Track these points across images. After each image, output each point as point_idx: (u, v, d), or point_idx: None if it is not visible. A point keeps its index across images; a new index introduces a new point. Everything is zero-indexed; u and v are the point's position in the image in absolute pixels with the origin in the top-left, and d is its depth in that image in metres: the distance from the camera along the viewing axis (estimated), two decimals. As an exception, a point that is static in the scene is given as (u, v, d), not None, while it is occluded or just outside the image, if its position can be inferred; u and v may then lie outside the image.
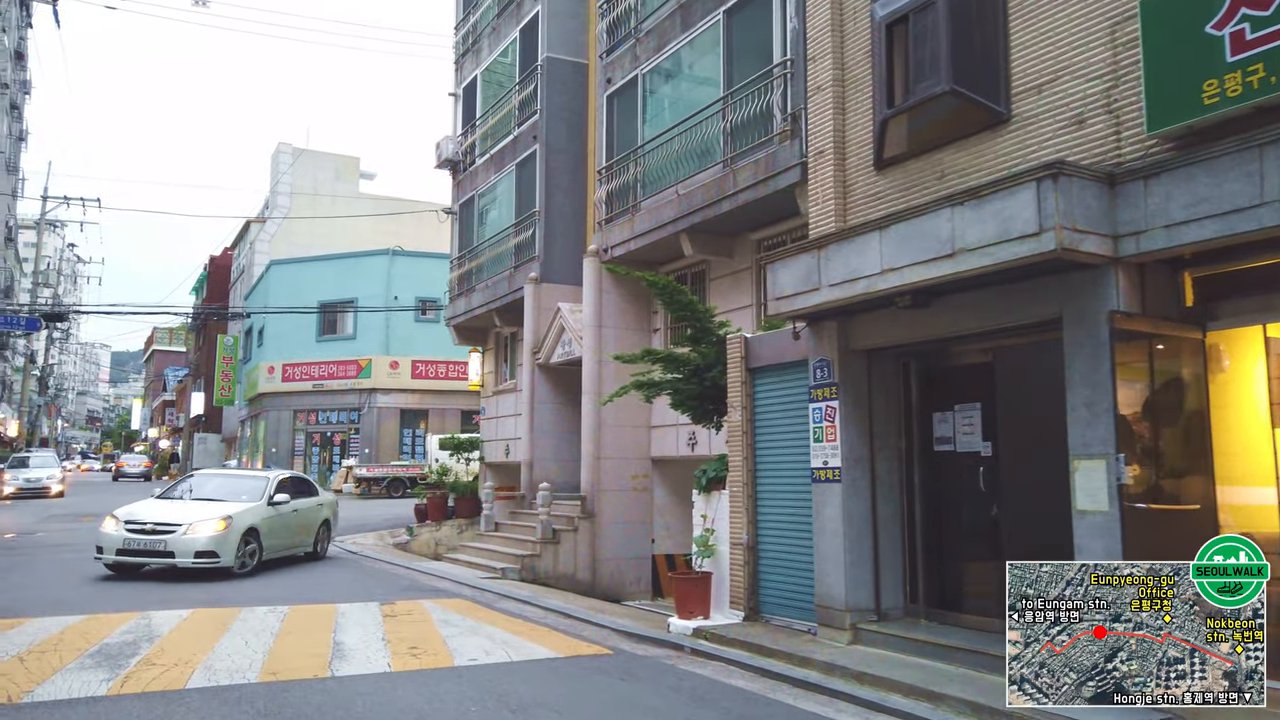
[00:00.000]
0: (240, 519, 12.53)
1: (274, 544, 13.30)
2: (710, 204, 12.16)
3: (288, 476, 14.88)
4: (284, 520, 13.60)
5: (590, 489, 14.46)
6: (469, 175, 20.81)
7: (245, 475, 14.95)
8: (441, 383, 34.84)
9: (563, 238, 17.28)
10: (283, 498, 13.61)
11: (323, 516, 15.03)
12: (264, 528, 12.97)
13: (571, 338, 15.75)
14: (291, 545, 14.00)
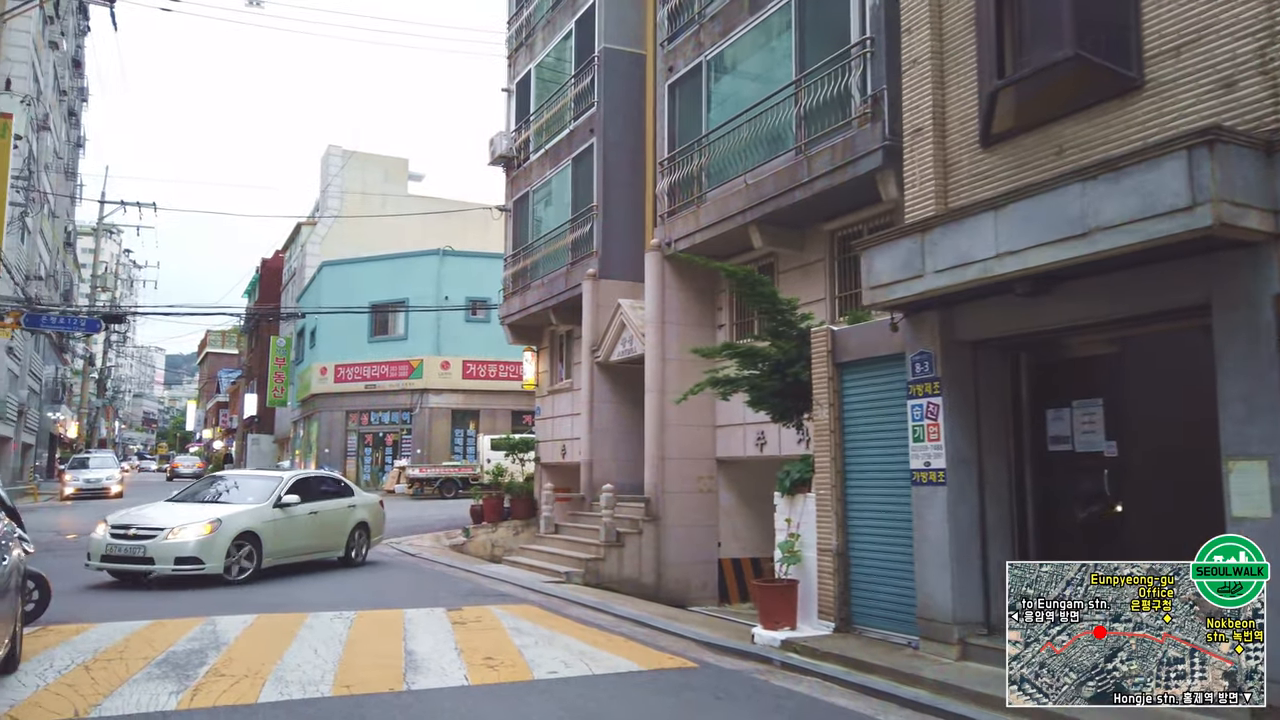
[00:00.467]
0: (232, 522, 11.71)
1: (282, 548, 12.48)
2: (782, 193, 11.63)
3: (306, 477, 13.96)
4: (296, 524, 12.73)
5: (654, 491, 14.00)
6: (523, 172, 20.48)
7: (260, 476, 13.86)
8: (492, 383, 34.68)
9: (621, 233, 16.85)
10: (292, 499, 12.65)
11: (356, 519, 14.08)
12: (266, 532, 12.14)
13: (632, 335, 15.31)
14: (309, 550, 13.11)
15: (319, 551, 13.36)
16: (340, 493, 14.13)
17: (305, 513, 12.93)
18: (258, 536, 12.02)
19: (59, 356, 48.95)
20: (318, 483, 13.95)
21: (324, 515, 13.39)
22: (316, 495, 13.41)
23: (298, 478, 13.54)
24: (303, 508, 12.88)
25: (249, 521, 12.00)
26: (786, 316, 9.12)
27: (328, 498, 13.68)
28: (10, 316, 20.11)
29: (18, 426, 35.21)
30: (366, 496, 14.97)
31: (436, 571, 14.41)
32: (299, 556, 12.95)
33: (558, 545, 15.20)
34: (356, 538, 14.07)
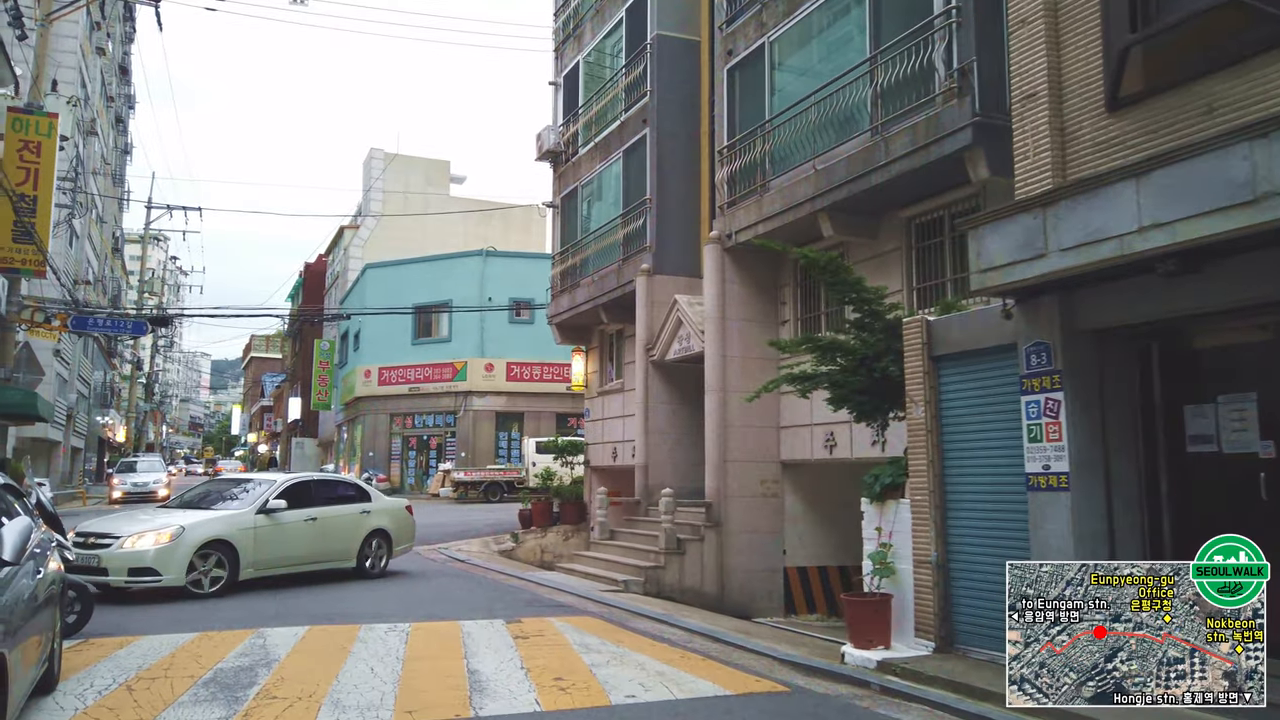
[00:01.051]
0: (196, 530, 10.73)
1: (268, 558, 11.47)
2: (855, 178, 10.91)
3: (307, 481, 12.86)
4: (287, 532, 11.69)
5: (716, 495, 13.32)
6: (571, 166, 19.92)
7: (256, 480, 12.70)
8: (537, 385, 34.21)
9: (676, 226, 16.21)
10: (279, 504, 11.61)
11: (371, 526, 12.88)
12: (244, 540, 11.14)
13: (690, 332, 14.64)
14: (307, 559, 12.06)
15: (321, 561, 12.30)
16: (352, 498, 13.04)
17: (300, 519, 11.90)
18: (231, 545, 11.03)
19: (108, 361, 49.49)
20: (324, 487, 12.97)
21: (327, 522, 12.35)
22: (320, 500, 12.43)
23: (293, 482, 12.45)
24: (295, 514, 11.86)
25: (220, 529, 11.05)
26: (873, 306, 8.40)
27: (335, 503, 12.66)
28: (58, 319, 19.97)
29: (66, 430, 35.44)
30: (388, 502, 13.90)
31: (488, 579, 13.86)
32: (293, 567, 11.93)
33: (613, 552, 14.58)
34: (373, 547, 12.95)
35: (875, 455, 11.80)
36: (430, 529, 21.61)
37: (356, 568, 12.75)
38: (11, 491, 5.97)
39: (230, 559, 11.04)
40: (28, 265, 17.09)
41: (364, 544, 12.83)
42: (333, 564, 12.49)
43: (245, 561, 11.19)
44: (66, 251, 32.38)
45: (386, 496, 14.30)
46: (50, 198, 17.45)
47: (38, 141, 17.21)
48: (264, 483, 12.37)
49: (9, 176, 16.84)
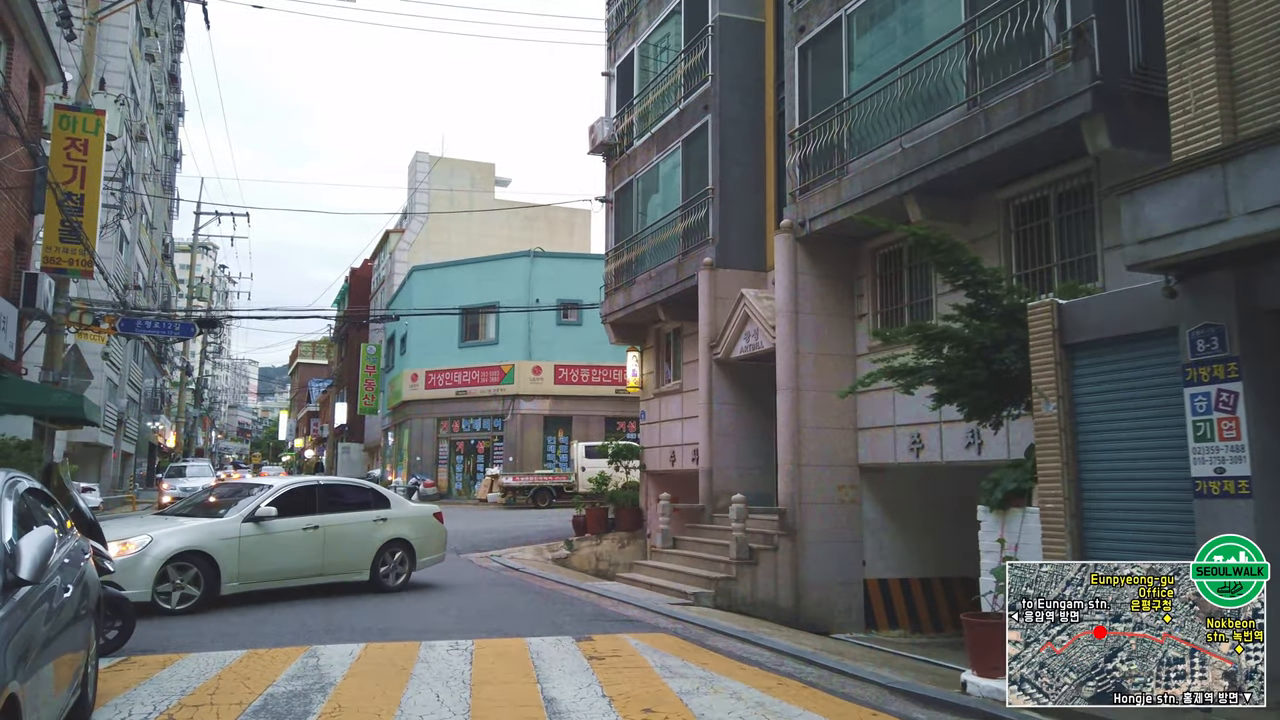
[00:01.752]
0: (167, 541, 9.77)
1: (258, 571, 10.55)
2: (949, 155, 9.99)
3: (311, 486, 11.82)
4: (280, 541, 10.79)
5: (790, 501, 12.44)
6: (625, 159, 19.17)
7: (253, 485, 11.86)
8: (585, 388, 33.50)
9: (740, 217, 15.37)
10: (269, 512, 10.67)
11: (387, 536, 11.82)
12: (226, 552, 10.22)
13: (759, 328, 13.79)
14: (307, 571, 11.12)
15: (325, 574, 11.29)
16: (365, 504, 12.00)
17: (297, 529, 10.98)
18: (210, 557, 10.08)
19: (158, 367, 49.85)
20: (332, 493, 11.90)
21: (332, 531, 11.32)
22: (326, 508, 11.43)
23: (291, 488, 11.46)
24: (291, 522, 10.93)
25: (196, 539, 10.09)
26: (990, 290, 7.49)
27: (344, 509, 11.66)
28: (106, 321, 19.68)
29: (117, 435, 35.52)
30: (411, 509, 12.86)
31: (546, 589, 13.12)
32: (290, 580, 10.99)
33: (678, 561, 13.75)
34: (390, 558, 11.89)
35: (969, 459, 10.87)
36: (481, 535, 20.99)
37: (370, 581, 11.68)
38: (40, 496, 5.32)
39: (209, 572, 10.09)
40: (75, 265, 16.75)
41: (379, 555, 11.78)
42: (339, 577, 11.45)
43: (228, 575, 10.25)
44: (116, 256, 32.44)
45: (411, 503, 13.33)
46: (98, 197, 17.11)
47: (84, 139, 16.87)
48: (252, 488, 11.53)
49: (56, 175, 16.52)
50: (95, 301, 20.16)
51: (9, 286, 15.46)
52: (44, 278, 15.64)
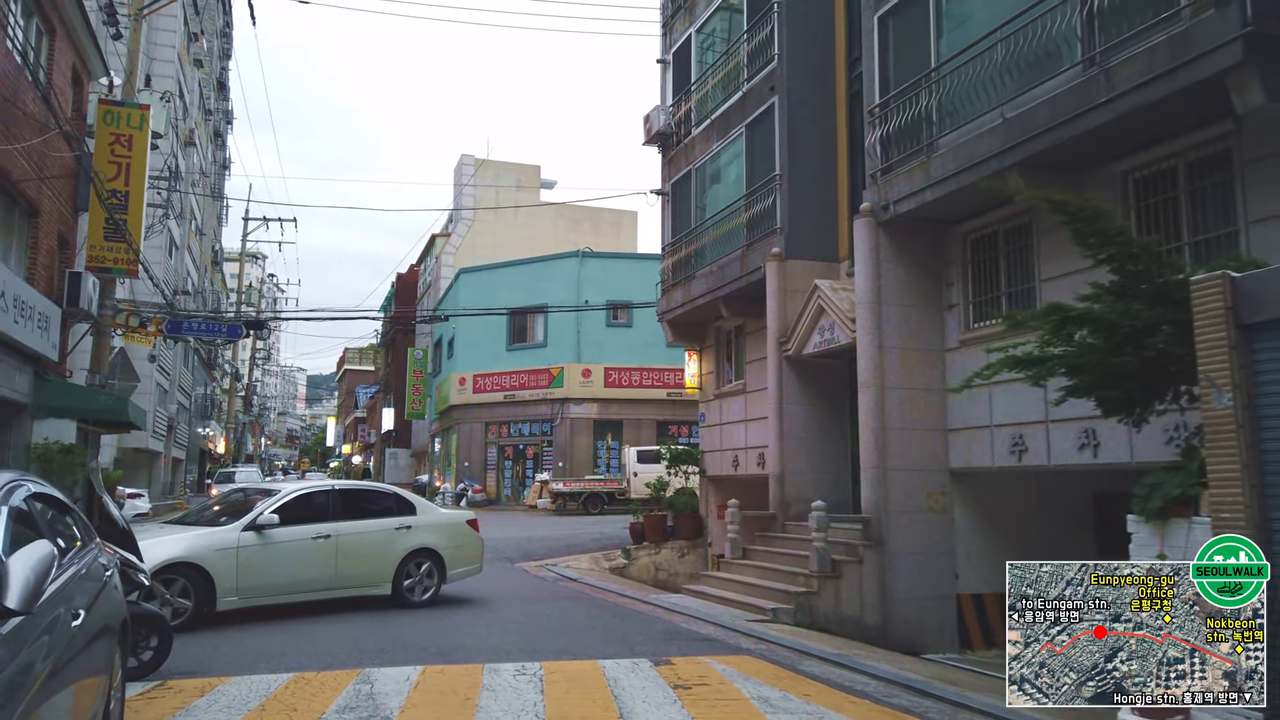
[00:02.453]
0: (150, 553, 8.59)
1: (261, 584, 9.74)
2: (1062, 122, 8.93)
3: (318, 492, 10.88)
4: (284, 553, 9.93)
5: (875, 509, 11.42)
6: (683, 149, 18.29)
7: (265, 492, 10.99)
8: (636, 391, 32.63)
9: (810, 204, 14.40)
10: (270, 519, 9.85)
11: (413, 545, 10.94)
12: (223, 564, 9.39)
13: (834, 321, 12.80)
14: (318, 585, 10.26)
15: (339, 588, 10.43)
16: (386, 511, 11.08)
17: (305, 538, 10.12)
18: (203, 570, 9.26)
19: (208, 374, 50.09)
20: (350, 499, 10.97)
21: (347, 540, 10.43)
22: (341, 515, 10.56)
23: (299, 494, 10.60)
24: (296, 531, 10.07)
25: (186, 550, 9.24)
26: (1144, 265, 6.44)
27: (362, 516, 10.79)
28: (152, 323, 19.27)
29: (167, 441, 35.46)
30: (440, 516, 11.76)
31: (608, 602, 12.26)
32: (298, 594, 10.15)
33: (749, 573, 12.79)
34: (417, 570, 11.00)
35: (1082, 462, 9.78)
36: (534, 543, 20.23)
37: (393, 595, 10.80)
38: (54, 503, 4.56)
39: (201, 586, 9.25)
40: (119, 264, 16.30)
41: (402, 566, 10.87)
42: (356, 590, 10.58)
43: (225, 589, 9.42)
44: (166, 261, 32.35)
45: (443, 509, 12.26)
46: (142, 194, 16.67)
47: (129, 135, 16.43)
48: (273, 495, 10.57)
49: (100, 171, 16.08)
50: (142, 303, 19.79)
51: (52, 286, 15.03)
52: (88, 277, 15.18)
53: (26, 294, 12.79)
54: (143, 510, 21.87)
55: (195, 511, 11.40)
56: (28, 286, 13.03)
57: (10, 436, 13.67)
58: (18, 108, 12.52)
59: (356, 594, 10.66)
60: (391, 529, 10.97)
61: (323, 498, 10.79)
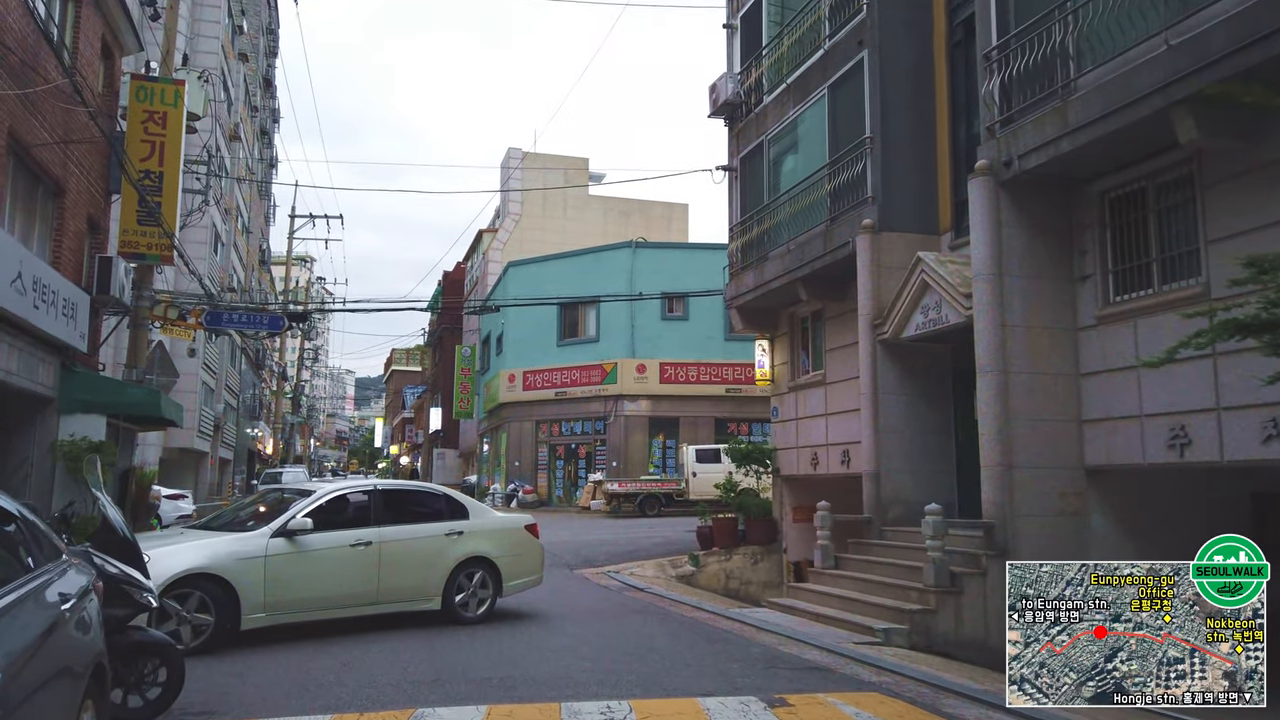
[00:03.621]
0: (164, 562, 7.63)
1: (292, 598, 8.51)
2: (1248, 43, 7.30)
3: (359, 492, 9.60)
4: (318, 562, 8.71)
5: (998, 512, 9.82)
6: (754, 119, 16.80)
7: (300, 492, 9.64)
8: (693, 387, 31.12)
9: (906, 170, 12.84)
10: (303, 524, 8.65)
11: (466, 553, 9.67)
12: (249, 575, 8.19)
13: (941, 298, 11.22)
14: (358, 599, 9.00)
15: (382, 601, 9.14)
16: (436, 514, 9.82)
17: (343, 545, 8.90)
18: (226, 582, 8.06)
19: (256, 374, 49.70)
20: (395, 500, 9.69)
21: (391, 548, 9.18)
22: (384, 518, 9.31)
23: (336, 494, 9.37)
24: (336, 537, 8.89)
25: (206, 559, 8.06)
26: None
27: (409, 520, 9.54)
28: (192, 315, 18.27)
29: (214, 441, 34.82)
30: (496, 520, 10.42)
31: (686, 617, 10.83)
32: (335, 610, 8.89)
33: (845, 586, 11.26)
34: (470, 581, 9.71)
35: (1268, 456, 8.12)
36: (592, 548, 18.86)
37: (443, 610, 9.52)
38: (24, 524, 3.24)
39: (223, 600, 8.04)
40: (154, 250, 15.25)
41: (453, 577, 9.58)
42: (401, 605, 9.31)
43: (251, 604, 8.21)
44: (211, 257, 31.68)
45: (497, 513, 10.90)
46: (178, 175, 15.62)
47: (163, 112, 15.38)
48: (308, 496, 9.29)
49: (132, 151, 15.07)
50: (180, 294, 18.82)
51: (82, 273, 14.02)
52: (119, 262, 14.16)
53: (49, 277, 11.73)
54: (186, 512, 20.95)
55: (221, 515, 10.17)
56: (49, 269, 11.97)
57: (35, 433, 12.64)
58: (37, 72, 11.45)
59: (401, 609, 9.36)
60: (441, 535, 9.68)
61: (363, 499, 9.49)
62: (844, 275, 14.13)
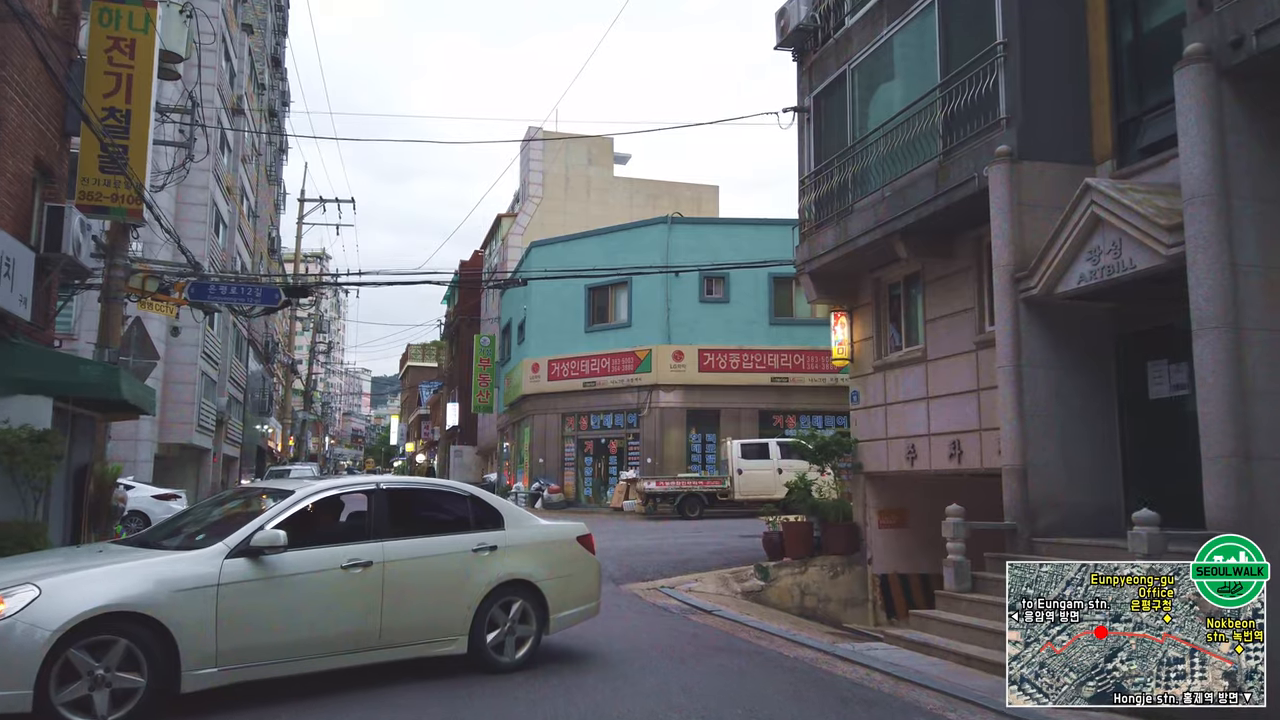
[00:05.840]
0: (66, 597, 5.25)
1: (255, 644, 5.92)
2: None
3: (357, 492, 6.99)
4: (299, 592, 6.14)
5: (1236, 519, 7.10)
6: (833, 46, 14.11)
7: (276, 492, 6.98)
8: (734, 375, 28.40)
9: (1053, 83, 10.14)
10: (272, 539, 5.98)
11: (501, 575, 7.07)
12: (193, 614, 5.63)
13: (1124, 236, 8.49)
14: (351, 644, 6.35)
15: (387, 645, 6.53)
16: (462, 521, 7.24)
17: (332, 567, 6.30)
18: (159, 625, 5.50)
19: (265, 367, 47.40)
20: (404, 502, 7.17)
21: (398, 569, 6.58)
22: (388, 528, 6.68)
23: (324, 495, 6.80)
24: (320, 556, 6.29)
25: (129, 591, 5.47)
26: None
27: (422, 532, 6.97)
28: (175, 289, 15.79)
29: (217, 437, 32.45)
30: (538, 530, 7.72)
31: (788, 659, 8.22)
32: (318, 659, 6.23)
33: (993, 615, 8.54)
34: (507, 614, 7.10)
35: None
36: (635, 557, 16.14)
37: (470, 654, 6.89)
38: None
39: (157, 651, 5.47)
40: (119, 203, 12.75)
41: (484, 609, 6.96)
42: (411, 650, 6.68)
43: (196, 654, 5.62)
44: (211, 238, 29.29)
45: (541, 520, 8.06)
46: (148, 115, 13.10)
47: (130, 39, 12.88)
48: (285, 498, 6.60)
49: (94, 88, 12.59)
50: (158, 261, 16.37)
51: (28, 225, 11.53)
52: (73, 213, 11.67)
53: (-35, 220, 9.22)
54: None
55: (165, 525, 7.47)
56: (-32, 210, 9.46)
57: (-40, 419, 10.14)
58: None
59: (412, 656, 6.75)
60: (467, 551, 7.05)
61: (361, 503, 6.88)
62: (955, 225, 11.51)
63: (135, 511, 20.33)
